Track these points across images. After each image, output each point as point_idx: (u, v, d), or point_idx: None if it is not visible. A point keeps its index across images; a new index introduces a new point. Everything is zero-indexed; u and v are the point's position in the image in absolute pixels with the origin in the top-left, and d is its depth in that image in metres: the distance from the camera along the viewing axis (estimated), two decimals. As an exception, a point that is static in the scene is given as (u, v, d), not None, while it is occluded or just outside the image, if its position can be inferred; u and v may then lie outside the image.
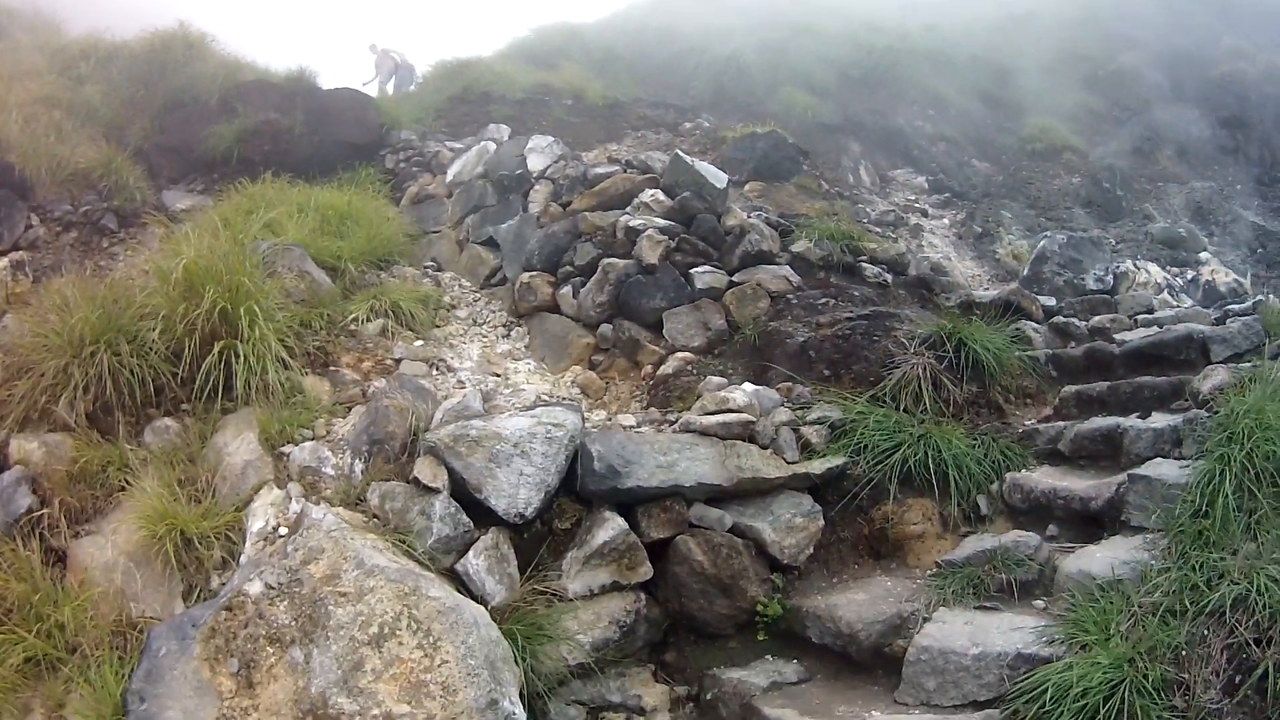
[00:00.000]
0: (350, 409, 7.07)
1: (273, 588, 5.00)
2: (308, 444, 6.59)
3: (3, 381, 7.18)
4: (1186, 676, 4.56)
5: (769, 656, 6.20)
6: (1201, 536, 5.24)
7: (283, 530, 5.85)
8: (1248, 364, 6.82)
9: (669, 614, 6.38)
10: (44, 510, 6.48)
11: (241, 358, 6.85)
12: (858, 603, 6.02)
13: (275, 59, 16.68)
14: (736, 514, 6.53)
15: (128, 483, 6.44)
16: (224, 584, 5.67)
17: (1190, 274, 12.53)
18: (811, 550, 6.66)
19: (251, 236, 8.52)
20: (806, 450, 6.94)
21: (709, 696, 6.03)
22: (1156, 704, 4.45)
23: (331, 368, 7.64)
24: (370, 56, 22.78)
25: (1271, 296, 9.55)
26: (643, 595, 6.30)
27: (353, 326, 8.21)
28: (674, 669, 6.34)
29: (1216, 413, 6.02)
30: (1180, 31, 21.14)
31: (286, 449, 6.57)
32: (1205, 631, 4.70)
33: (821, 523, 6.72)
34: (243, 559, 5.81)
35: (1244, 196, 16.32)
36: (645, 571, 6.26)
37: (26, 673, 5.61)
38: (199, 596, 5.82)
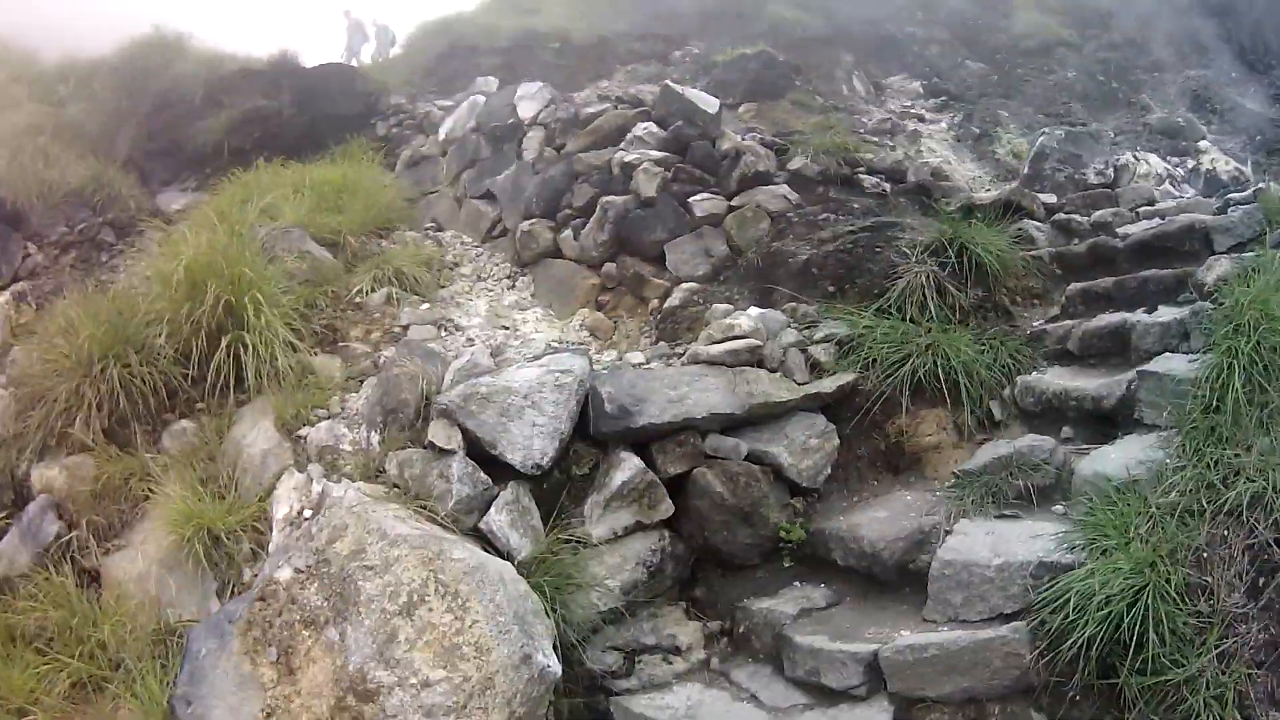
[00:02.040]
0: (363, 382, 7.02)
1: (302, 571, 4.97)
2: (323, 423, 6.55)
3: (17, 414, 7.18)
4: (1209, 580, 4.52)
5: (796, 583, 6.20)
6: (1214, 433, 5.19)
7: (307, 513, 5.82)
8: (1250, 253, 6.73)
9: (694, 549, 6.37)
10: (72, 534, 6.49)
11: (250, 347, 6.77)
12: (879, 520, 6.02)
13: (257, 46, 16.61)
14: (751, 441, 6.49)
15: (151, 491, 6.40)
16: (256, 575, 5.63)
17: (1191, 163, 12.21)
18: (829, 471, 6.63)
19: (249, 225, 8.45)
20: (816, 370, 6.91)
21: (741, 629, 6.05)
22: (1180, 609, 4.42)
23: (340, 343, 7.59)
24: (345, 23, 22.36)
25: (1272, 183, 9.20)
26: (666, 533, 6.31)
27: (358, 299, 8.14)
28: (705, 604, 6.35)
29: (1221, 304, 5.94)
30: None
31: (303, 431, 6.53)
32: (1225, 532, 4.67)
33: (837, 441, 6.69)
34: (271, 547, 5.79)
35: (1239, 84, 15.81)
36: (666, 508, 6.26)
37: (74, 697, 5.61)
38: (233, 591, 5.81)
